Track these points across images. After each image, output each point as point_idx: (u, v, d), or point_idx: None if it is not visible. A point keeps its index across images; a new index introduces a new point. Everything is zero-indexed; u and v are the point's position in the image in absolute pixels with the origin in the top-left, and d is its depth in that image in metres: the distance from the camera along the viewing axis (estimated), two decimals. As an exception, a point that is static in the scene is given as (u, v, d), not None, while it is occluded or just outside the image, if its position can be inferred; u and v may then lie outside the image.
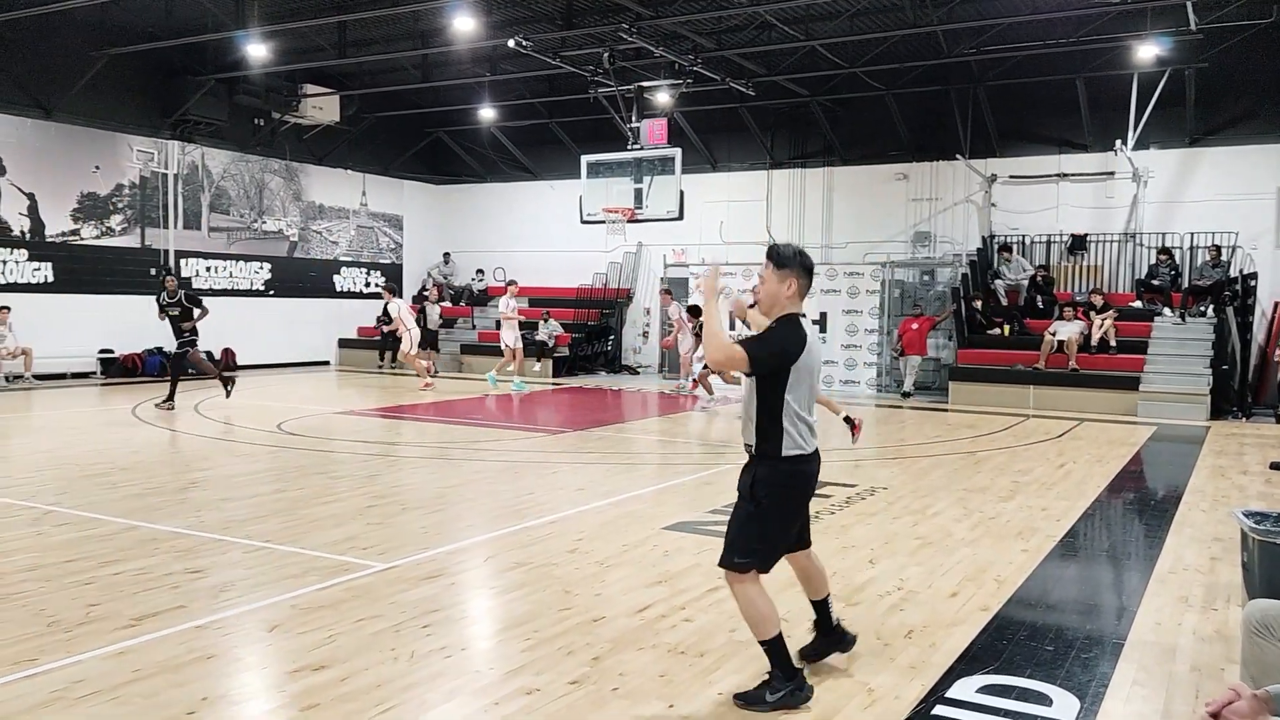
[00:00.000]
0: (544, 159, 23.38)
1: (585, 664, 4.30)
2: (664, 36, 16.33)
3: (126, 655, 4.28)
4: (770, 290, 3.93)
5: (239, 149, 20.39)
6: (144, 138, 18.62)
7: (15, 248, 16.75)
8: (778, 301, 3.92)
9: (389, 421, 13.30)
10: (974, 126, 18.78)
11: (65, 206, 17.48)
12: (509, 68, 19.08)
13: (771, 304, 3.95)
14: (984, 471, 9.72)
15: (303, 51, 18.18)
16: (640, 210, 16.99)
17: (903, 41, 16.72)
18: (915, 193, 19.67)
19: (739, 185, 21.22)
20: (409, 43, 17.94)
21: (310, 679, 4.06)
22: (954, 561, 6.17)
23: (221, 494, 7.93)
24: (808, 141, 20.77)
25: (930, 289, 19.37)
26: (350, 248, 23.19)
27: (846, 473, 9.49)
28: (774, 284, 3.91)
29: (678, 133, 19.17)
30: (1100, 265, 18.15)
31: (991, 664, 4.37)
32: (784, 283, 3.89)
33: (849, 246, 19.95)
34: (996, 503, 8.09)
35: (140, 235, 18.70)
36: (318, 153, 22.16)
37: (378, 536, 6.58)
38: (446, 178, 25.20)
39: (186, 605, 4.99)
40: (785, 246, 3.98)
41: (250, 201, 20.84)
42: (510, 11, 16.16)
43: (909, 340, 17.46)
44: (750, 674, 4.18)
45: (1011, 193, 18.89)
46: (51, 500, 7.45)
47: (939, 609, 5.17)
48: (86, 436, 11.23)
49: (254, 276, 20.85)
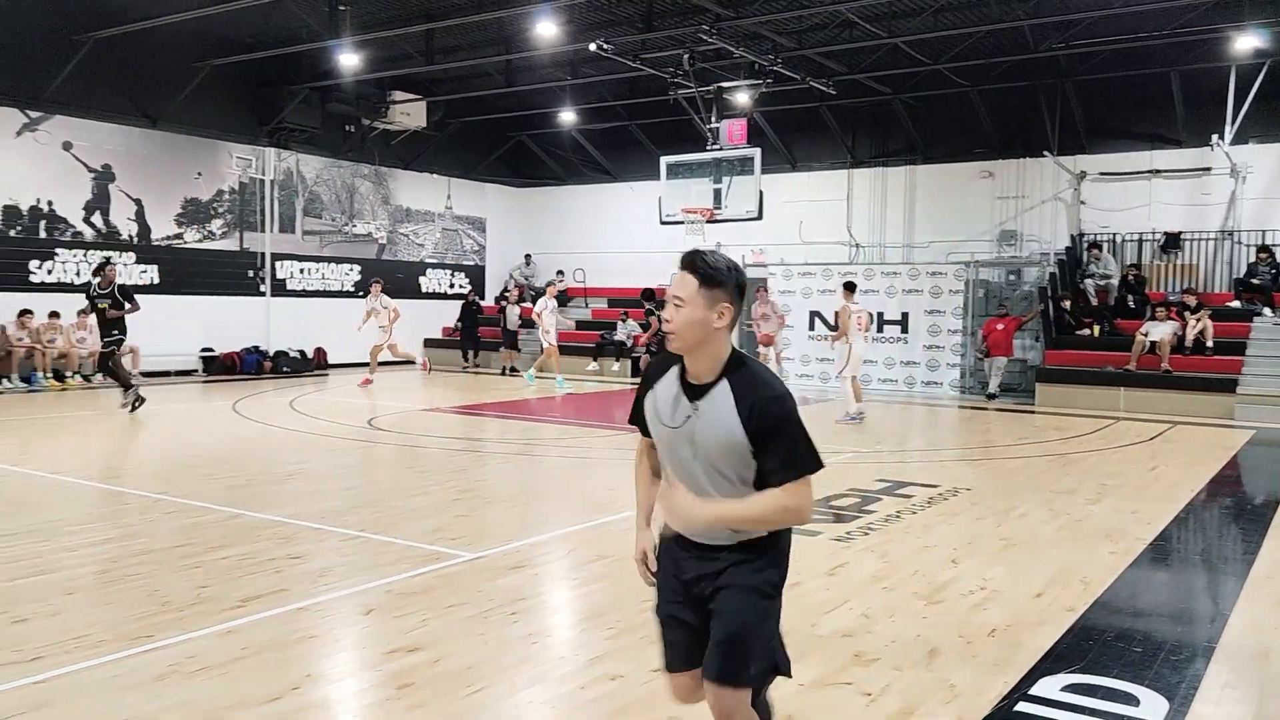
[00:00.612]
0: (624, 161, 23.59)
1: (668, 653, 4.39)
2: (744, 37, 16.35)
3: (234, 634, 4.53)
4: (690, 318, 2.62)
5: (331, 155, 21.07)
6: (243, 145, 19.39)
7: (124, 251, 17.60)
8: (705, 334, 2.63)
9: (473, 418, 13.61)
10: (1062, 122, 18.36)
11: (170, 211, 18.31)
12: (590, 71, 19.32)
13: (695, 338, 2.63)
14: (1072, 474, 9.53)
15: (392, 59, 18.70)
16: (719, 211, 17.05)
17: (988, 37, 16.44)
18: (1001, 190, 19.30)
19: (819, 185, 21.10)
20: (493, 48, 18.31)
21: (405, 660, 4.25)
22: (1039, 562, 6.10)
23: (317, 485, 8.26)
24: (890, 140, 20.55)
25: (1016, 289, 18.99)
26: (436, 250, 23.75)
27: (929, 472, 9.40)
28: (699, 308, 2.61)
29: (757, 132, 19.16)
30: (1195, 264, 17.56)
31: (1077, 663, 4.33)
32: (714, 307, 2.62)
33: (931, 246, 19.68)
34: (1084, 505, 7.94)
35: (239, 239, 19.47)
36: (405, 157, 22.75)
37: (465, 528, 6.79)
38: (528, 180, 25.60)
39: (288, 589, 5.25)
40: (715, 256, 2.70)
41: (341, 205, 21.52)
42: (591, 15, 16.38)
43: (994, 341, 17.14)
44: (832, 667, 4.23)
45: (1101, 190, 18.40)
46: (160, 490, 7.85)
47: (1023, 608, 5.13)
48: (190, 430, 11.79)
49: (344, 278, 21.51)
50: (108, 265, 13.27)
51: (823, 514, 7.44)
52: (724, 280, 2.65)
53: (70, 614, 4.75)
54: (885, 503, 7.85)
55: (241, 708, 3.72)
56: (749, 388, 2.62)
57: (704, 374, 2.68)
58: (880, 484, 8.70)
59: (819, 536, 6.66)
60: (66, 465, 9.03)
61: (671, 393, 2.73)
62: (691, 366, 2.70)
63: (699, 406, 2.66)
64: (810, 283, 19.58)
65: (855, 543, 6.51)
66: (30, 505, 7.34)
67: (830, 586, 5.48)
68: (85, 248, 17.09)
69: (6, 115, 16.03)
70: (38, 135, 16.46)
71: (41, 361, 16.08)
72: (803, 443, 2.64)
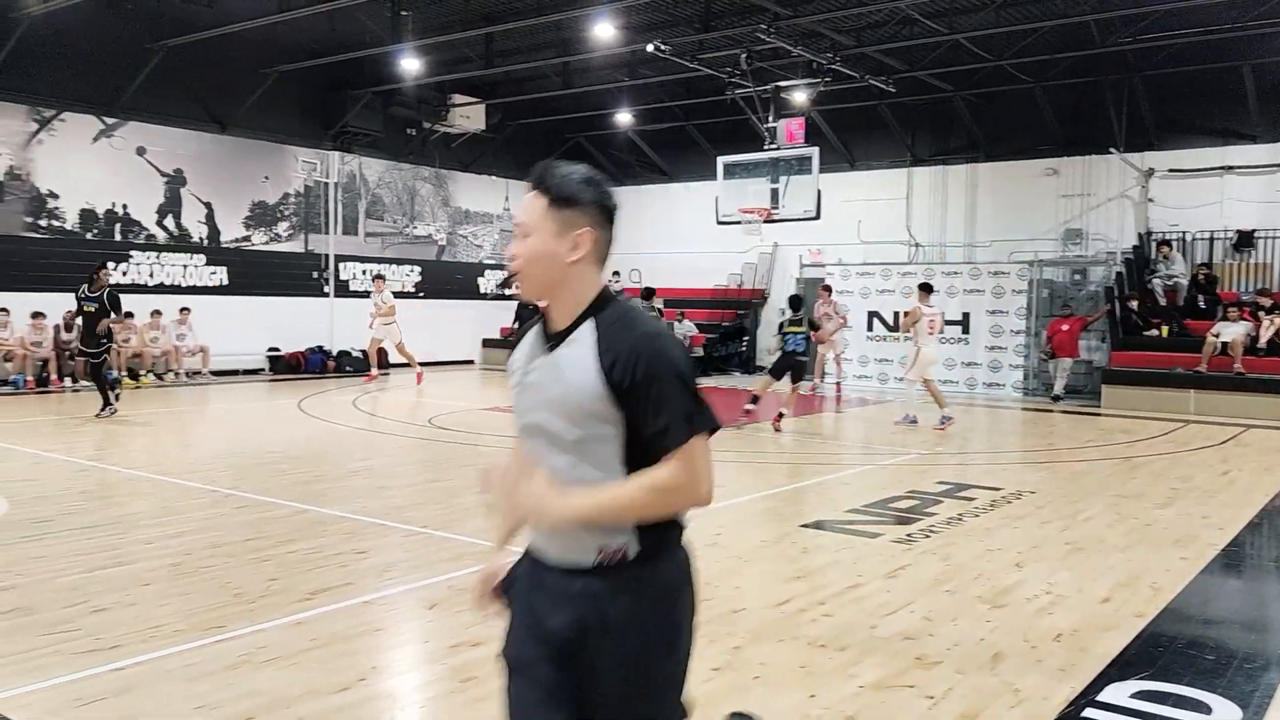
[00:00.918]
0: (680, 161, 23.60)
1: (726, 652, 4.40)
2: (802, 35, 16.25)
3: (303, 625, 4.65)
4: (537, 250, 2.05)
5: (392, 158, 21.44)
6: (308, 149, 19.82)
7: (195, 253, 18.10)
8: (558, 271, 2.05)
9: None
10: (1129, 118, 17.92)
11: (238, 214, 18.79)
12: (646, 72, 19.37)
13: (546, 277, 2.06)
14: (1140, 477, 9.32)
15: (452, 63, 18.95)
16: (776, 210, 16.97)
17: (1052, 32, 16.12)
18: (1065, 188, 18.91)
19: (878, 183, 20.88)
20: (551, 51, 18.46)
21: (468, 654, 4.32)
22: (1106, 567, 5.98)
23: (381, 482, 8.42)
24: (951, 137, 20.26)
25: (1081, 288, 18.59)
26: (494, 251, 24.01)
27: (992, 475, 9.26)
28: (548, 236, 2.04)
29: (815, 131, 19.03)
30: (1269, 263, 17.01)
31: (1146, 670, 4.25)
32: (567, 235, 2.03)
33: (994, 245, 19.37)
34: (1153, 509, 7.76)
35: (304, 241, 19.90)
36: (464, 160, 23.04)
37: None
38: (585, 182, 25.71)
39: (354, 583, 5.36)
40: (570, 166, 2.08)
41: (402, 208, 21.87)
42: (649, 16, 16.42)
43: (1059, 342, 16.81)
44: (893, 669, 4.21)
45: (1171, 187, 17.93)
46: (230, 485, 8.07)
47: (1090, 614, 5.04)
48: (258, 428, 12.08)
49: (405, 279, 21.85)
50: (101, 269, 12.46)
51: (883, 516, 7.38)
52: (579, 197, 2.03)
53: (146, 604, 4.91)
54: (947, 505, 7.76)
55: (310, 697, 3.81)
56: (616, 325, 2.01)
57: (564, 320, 2.07)
58: (942, 486, 8.59)
59: (880, 538, 6.61)
60: (141, 461, 9.33)
61: (528, 347, 2.17)
62: (551, 315, 2.10)
63: (555, 354, 2.05)
64: (869, 283, 19.39)
65: (917, 545, 6.45)
66: (108, 500, 7.61)
67: (891, 589, 5.44)
68: (158, 250, 17.62)
69: (84, 122, 16.59)
70: (113, 141, 17.01)
71: (116, 360, 16.59)
72: (689, 393, 1.96)
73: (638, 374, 1.94)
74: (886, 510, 7.54)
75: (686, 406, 1.95)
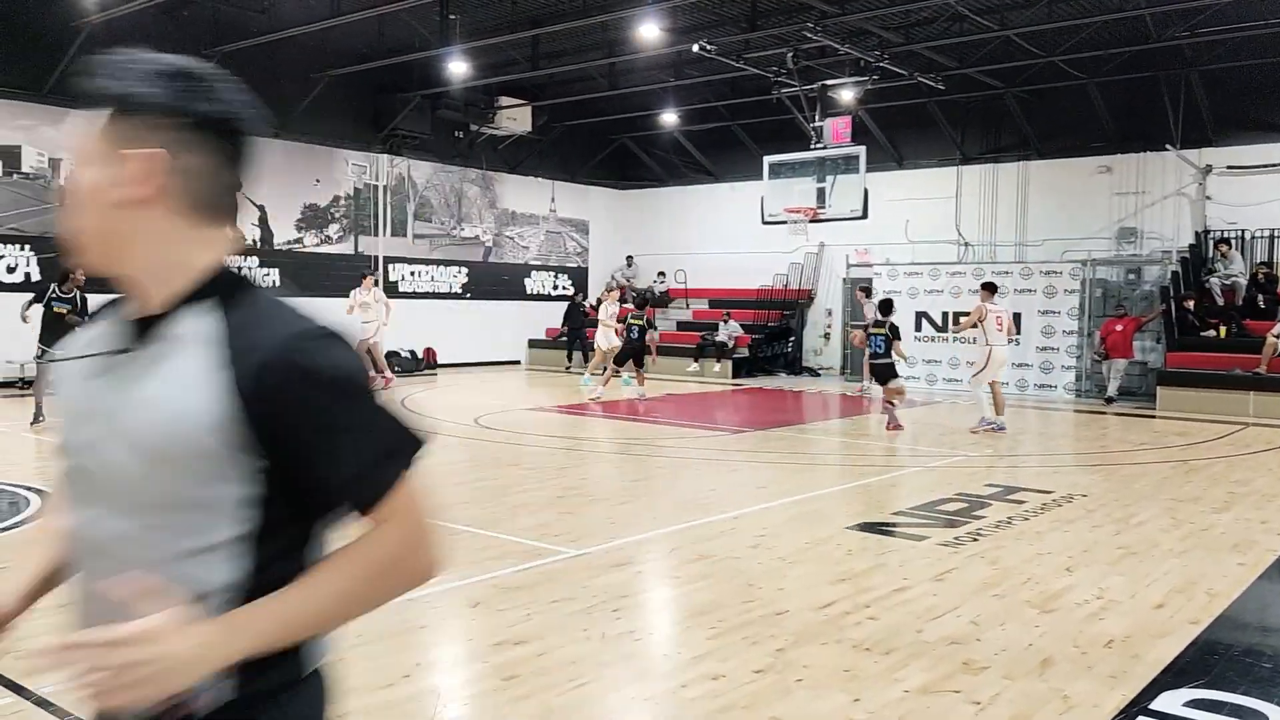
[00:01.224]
0: (725, 161, 23.53)
1: (769, 654, 4.38)
2: (849, 33, 16.12)
3: (349, 623, 4.70)
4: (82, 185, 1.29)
5: (440, 160, 21.66)
6: (357, 152, 20.09)
7: (248, 255, 18.45)
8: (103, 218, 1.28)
9: (575, 418, 13.79)
10: (1186, 114, 17.50)
11: (291, 217, 19.11)
12: (692, 72, 19.34)
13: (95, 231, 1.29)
14: (1196, 481, 9.10)
15: (499, 66, 19.09)
16: (823, 210, 16.85)
17: (1105, 27, 15.80)
18: (1120, 186, 18.54)
19: (926, 182, 20.63)
20: (597, 52, 18.52)
21: (510, 652, 4.35)
22: (1160, 572, 5.86)
23: (426, 480, 8.49)
24: (1001, 135, 19.96)
25: (1136, 288, 18.20)
26: (540, 252, 24.14)
27: (1042, 478, 9.11)
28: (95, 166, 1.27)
29: (862, 130, 18.86)
30: (1335, 261, 16.54)
31: (1201, 678, 4.15)
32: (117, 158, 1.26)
33: (1045, 244, 19.04)
34: (1209, 514, 7.57)
35: (354, 242, 20.18)
36: (511, 162, 23.20)
37: (568, 525, 6.90)
38: (630, 182, 25.79)
39: (400, 580, 5.42)
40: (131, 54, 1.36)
41: (450, 209, 22.08)
42: (695, 17, 16.40)
43: (1113, 343, 16.48)
44: (939, 674, 4.16)
45: (1229, 184, 17.49)
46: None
47: (1143, 620, 4.94)
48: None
49: (453, 280, 22.06)
50: (74, 272, 11.32)
51: (931, 518, 7.29)
52: (144, 99, 1.28)
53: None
54: (995, 508, 7.65)
55: (356, 693, 3.86)
56: (253, 319, 1.28)
57: (151, 304, 1.31)
58: (990, 489, 8.47)
59: (925, 541, 6.54)
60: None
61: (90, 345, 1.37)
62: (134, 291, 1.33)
63: (135, 357, 1.29)
64: (917, 282, 19.17)
65: (964, 548, 6.37)
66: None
67: (938, 592, 5.38)
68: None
69: (141, 128, 16.97)
70: (170, 146, 17.38)
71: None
72: (380, 414, 1.30)
73: (293, 395, 1.22)
74: (934, 513, 7.45)
75: (383, 436, 1.30)
